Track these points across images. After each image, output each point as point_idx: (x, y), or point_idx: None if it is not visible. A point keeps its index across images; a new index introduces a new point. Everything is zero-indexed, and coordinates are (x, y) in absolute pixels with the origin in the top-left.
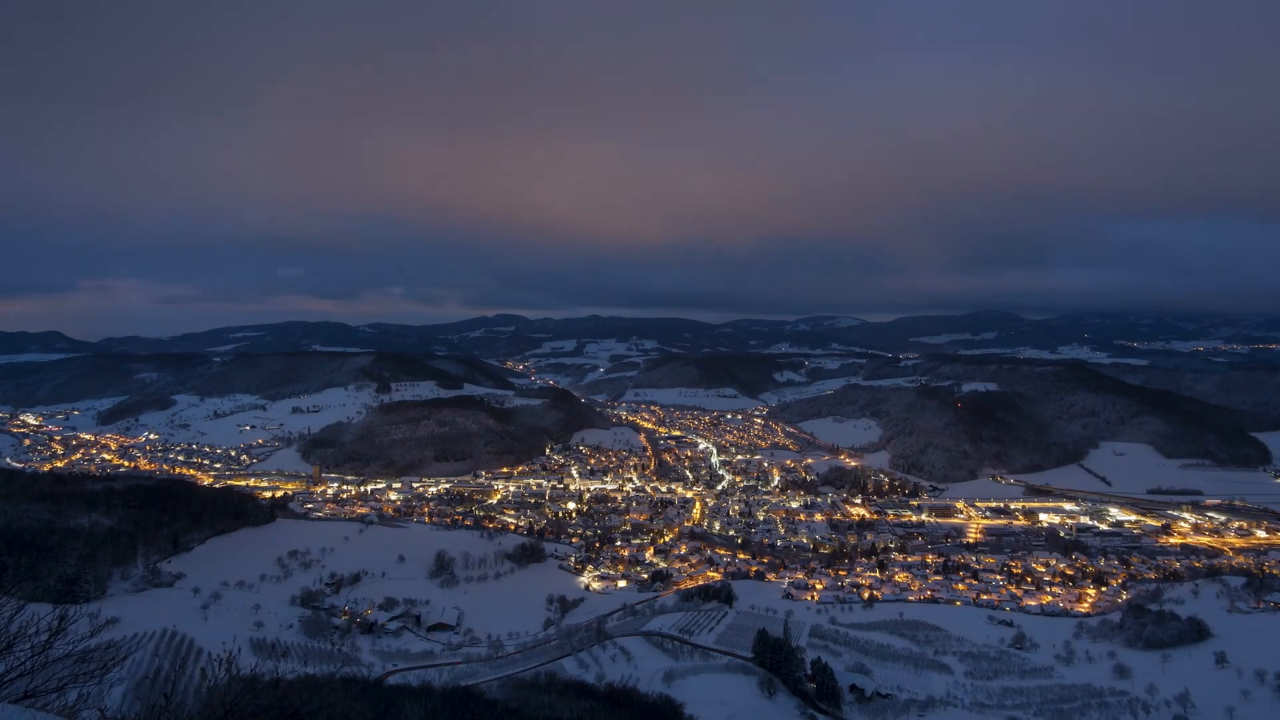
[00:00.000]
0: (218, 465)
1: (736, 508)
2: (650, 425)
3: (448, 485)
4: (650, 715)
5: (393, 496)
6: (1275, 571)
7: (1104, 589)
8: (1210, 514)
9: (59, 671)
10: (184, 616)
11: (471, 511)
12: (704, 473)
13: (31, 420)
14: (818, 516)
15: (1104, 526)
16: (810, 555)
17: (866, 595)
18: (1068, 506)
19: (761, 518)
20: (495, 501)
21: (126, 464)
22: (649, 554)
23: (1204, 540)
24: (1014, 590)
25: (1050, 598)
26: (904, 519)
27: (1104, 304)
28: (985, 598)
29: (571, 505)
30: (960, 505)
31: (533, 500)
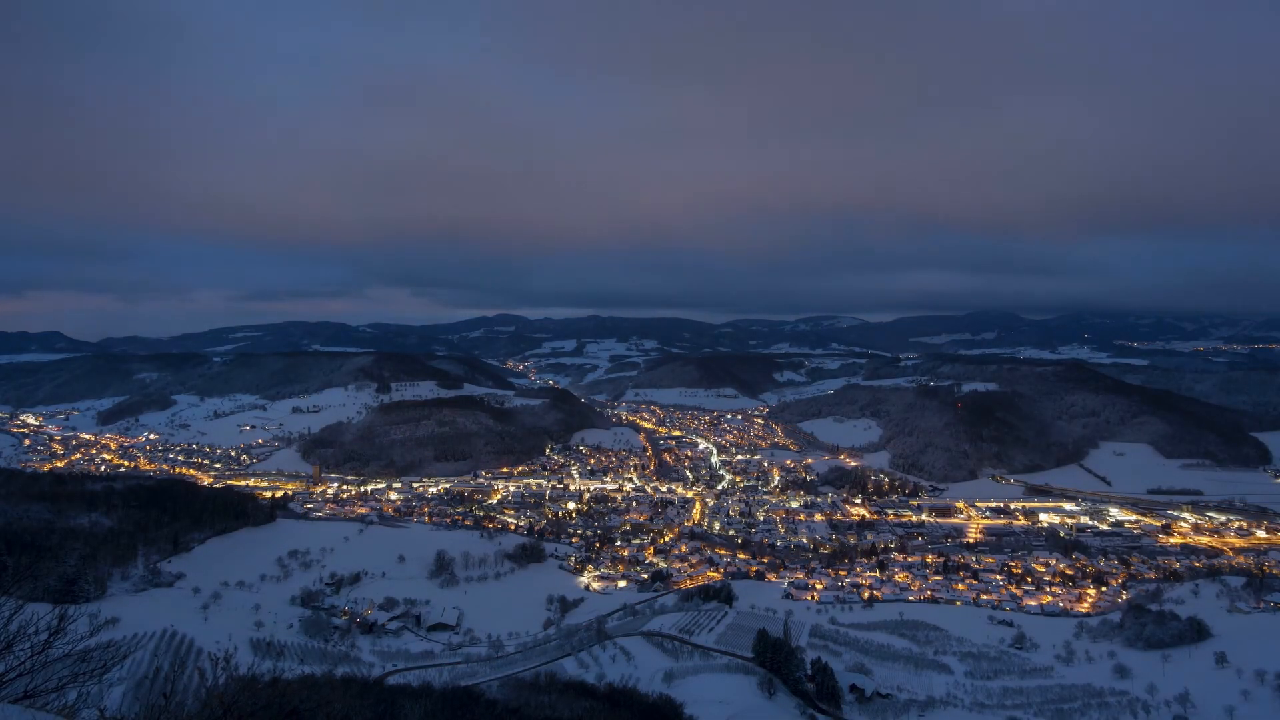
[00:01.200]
0: (218, 465)
1: (736, 508)
2: (650, 425)
3: (448, 485)
4: (650, 715)
5: (393, 496)
6: (1275, 571)
7: (1104, 589)
8: (1210, 514)
9: (59, 671)
10: (184, 616)
11: (471, 511)
12: (704, 473)
13: (31, 420)
14: (818, 516)
15: (1104, 526)
16: (810, 555)
17: (866, 595)
18: (1068, 506)
19: (761, 518)
20: (495, 501)
21: (126, 464)
22: (649, 554)
23: (1204, 540)
24: (1014, 590)
25: (1050, 598)
26: (904, 519)
27: (1103, 304)
28: (985, 598)
29: (571, 505)
30: (960, 505)
31: (533, 500)
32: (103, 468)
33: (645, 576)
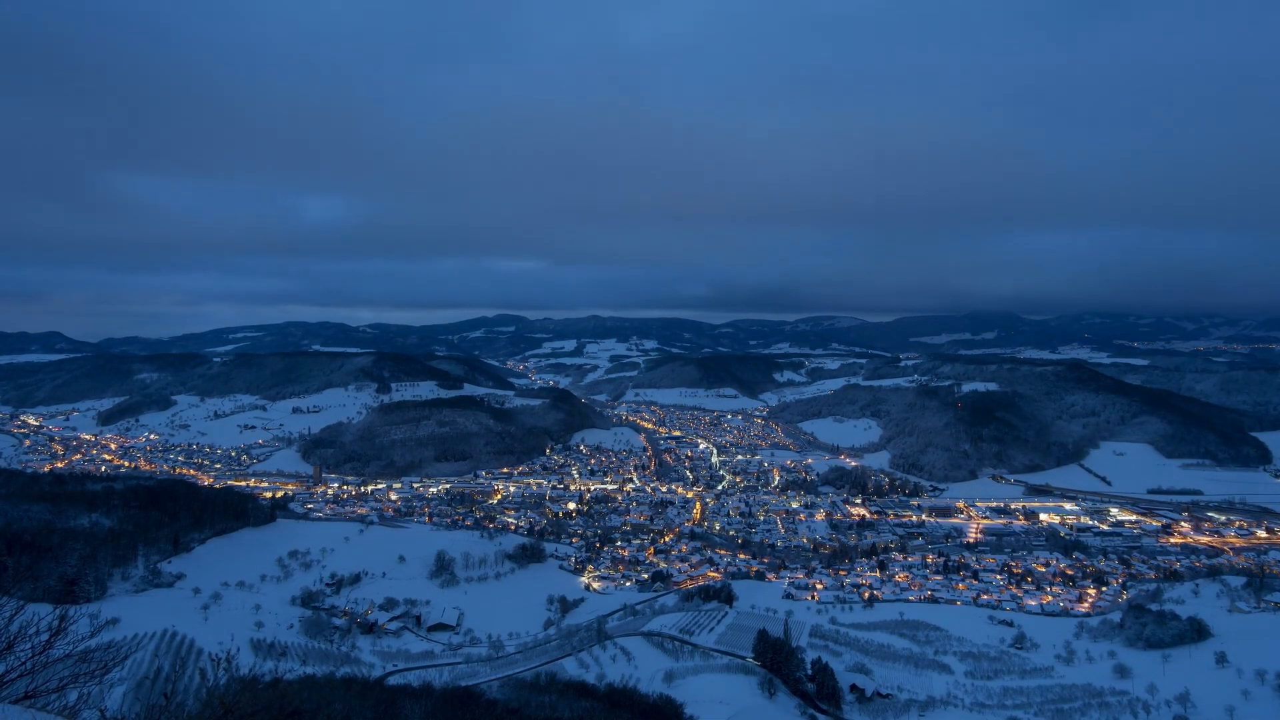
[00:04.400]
0: (218, 465)
1: (736, 508)
2: (650, 425)
3: (448, 485)
4: (650, 715)
5: (393, 497)
6: (1276, 571)
7: (1104, 589)
8: (1210, 514)
9: (59, 672)
10: (184, 617)
11: (472, 511)
12: (704, 473)
13: (32, 420)
14: (818, 516)
15: (1104, 526)
16: (810, 555)
17: (867, 595)
18: (1068, 506)
19: (762, 518)
20: (496, 502)
21: (126, 464)
22: (649, 554)
23: (1204, 540)
24: (1014, 590)
25: (1050, 598)
26: (904, 519)
27: (1103, 304)
28: (985, 598)
29: (572, 505)
30: (960, 505)
31: (533, 500)
32: (103, 468)
33: (645, 577)
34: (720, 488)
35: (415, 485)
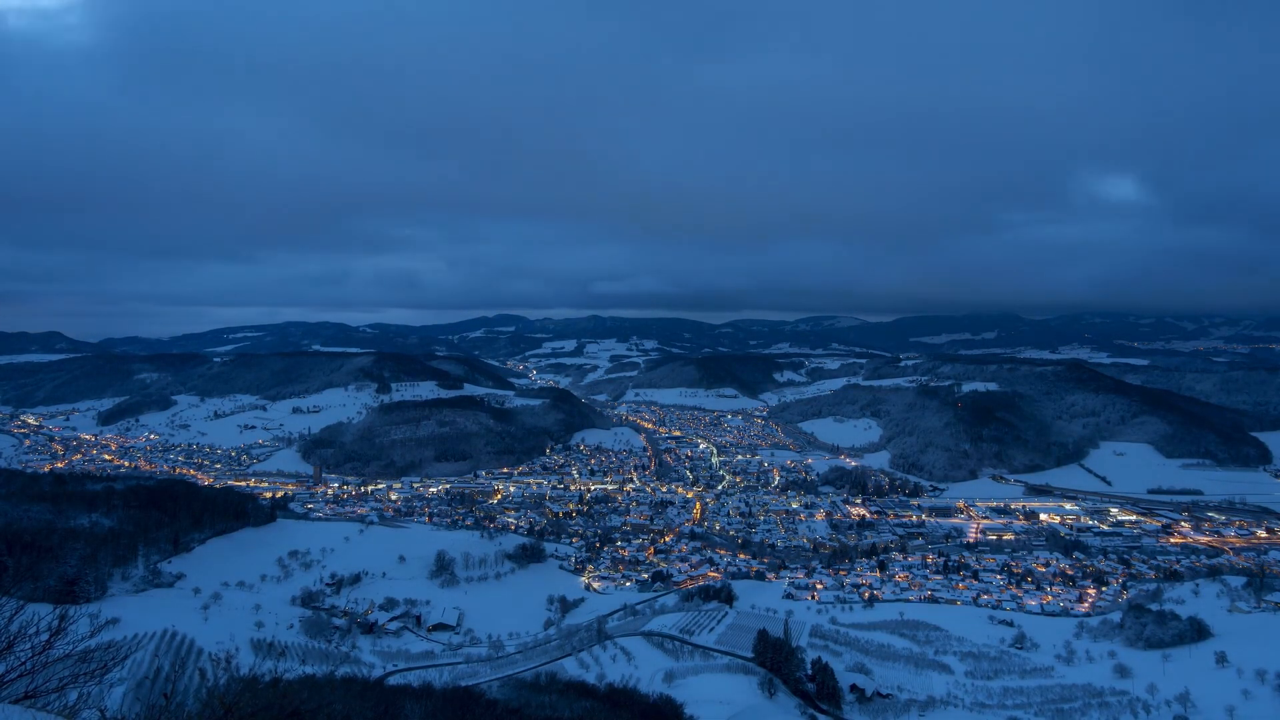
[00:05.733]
0: (218, 465)
1: (737, 508)
2: (650, 425)
3: (448, 485)
4: (651, 715)
5: (393, 497)
6: (1276, 571)
7: (1104, 589)
8: (1210, 514)
9: (59, 671)
10: (184, 616)
11: (472, 511)
12: (704, 473)
13: (31, 420)
14: (818, 516)
15: (1104, 526)
16: (810, 555)
17: (867, 595)
18: (1068, 506)
19: (762, 518)
20: (496, 502)
21: (126, 464)
22: (649, 554)
23: (1204, 540)
24: (1014, 590)
25: (1050, 598)
26: (904, 519)
27: (1103, 304)
28: (985, 598)
29: (572, 505)
30: (960, 505)
31: (533, 500)
32: (103, 468)
33: (646, 577)
34: (720, 488)
35: (415, 485)
